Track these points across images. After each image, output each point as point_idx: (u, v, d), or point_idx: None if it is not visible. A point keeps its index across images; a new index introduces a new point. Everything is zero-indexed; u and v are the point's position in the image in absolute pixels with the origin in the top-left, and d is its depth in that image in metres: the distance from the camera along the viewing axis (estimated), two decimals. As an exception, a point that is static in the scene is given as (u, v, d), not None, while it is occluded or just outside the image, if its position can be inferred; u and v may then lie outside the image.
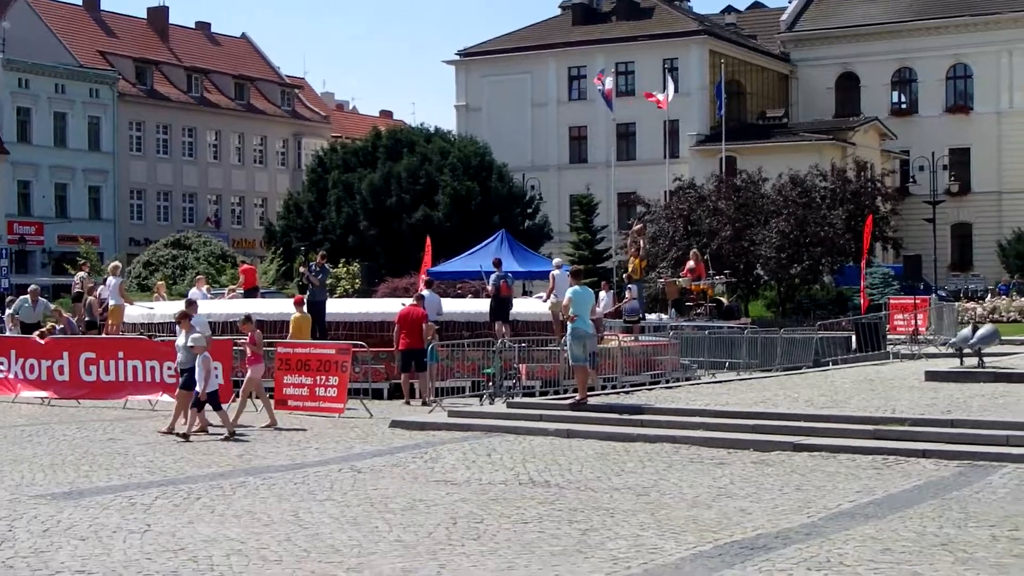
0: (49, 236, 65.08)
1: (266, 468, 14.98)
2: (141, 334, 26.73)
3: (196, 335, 18.44)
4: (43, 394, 23.72)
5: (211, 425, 18.94)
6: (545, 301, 27.39)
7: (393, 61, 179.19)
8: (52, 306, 30.40)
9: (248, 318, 20.49)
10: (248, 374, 19.72)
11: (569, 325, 18.92)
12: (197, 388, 18.09)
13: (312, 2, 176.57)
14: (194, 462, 15.65)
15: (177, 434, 18.03)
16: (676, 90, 55.43)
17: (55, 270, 59.99)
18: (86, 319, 28.84)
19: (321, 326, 25.63)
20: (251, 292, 32.12)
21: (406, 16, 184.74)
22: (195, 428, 18.27)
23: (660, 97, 52.31)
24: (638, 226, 35.60)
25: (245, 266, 37.35)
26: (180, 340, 18.82)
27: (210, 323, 21.82)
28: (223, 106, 76.73)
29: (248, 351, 19.85)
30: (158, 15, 79.13)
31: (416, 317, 23.08)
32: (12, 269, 58.14)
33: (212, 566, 9.69)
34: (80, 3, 75.82)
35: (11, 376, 24.53)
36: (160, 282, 36.58)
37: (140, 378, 22.54)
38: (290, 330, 23.68)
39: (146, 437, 18.05)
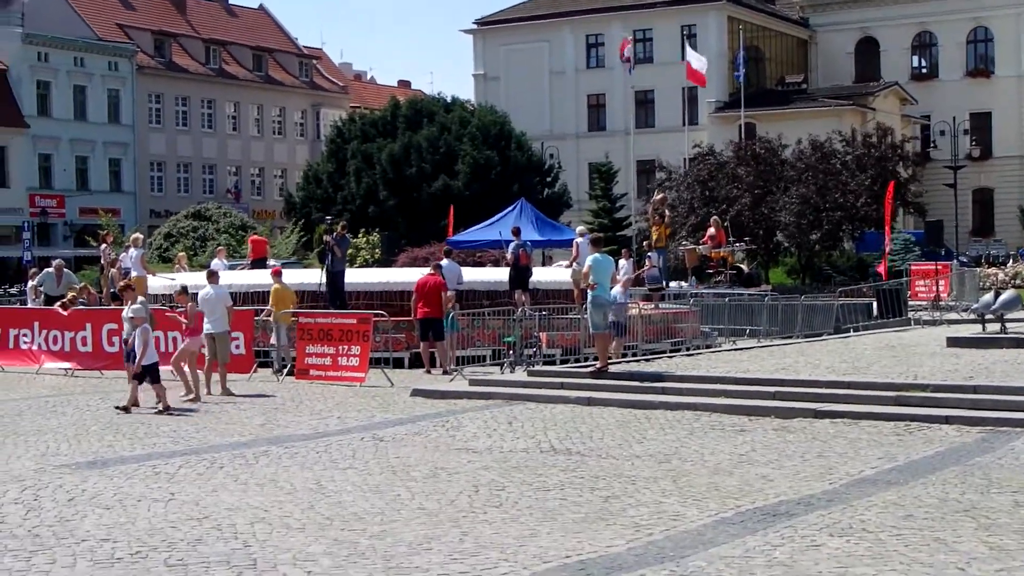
0: (70, 209, 65.28)
1: (288, 437, 15.05)
2: (162, 306, 26.78)
3: (136, 306, 17.84)
4: (66, 365, 23.86)
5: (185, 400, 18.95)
6: (568, 267, 27.54)
7: (411, 31, 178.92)
8: (80, 283, 30.41)
9: (184, 289, 19.94)
10: (181, 346, 19.49)
11: (589, 293, 18.92)
12: (146, 360, 17.50)
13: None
14: (217, 431, 15.73)
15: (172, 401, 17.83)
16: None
17: (77, 242, 60.19)
18: (111, 291, 28.89)
19: (341, 297, 25.64)
20: (259, 263, 31.84)
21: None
22: (131, 401, 17.65)
23: (697, 66, 52.33)
24: (659, 196, 35.58)
25: (255, 236, 37.14)
26: (125, 312, 18.28)
27: (231, 294, 21.85)
28: (241, 77, 76.70)
29: (183, 323, 19.55)
30: (175, -13, 78.97)
31: (433, 286, 23.05)
32: (34, 242, 58.49)
33: (236, 534, 9.75)
34: (98, -24, 75.82)
35: (35, 347, 24.69)
36: (181, 253, 36.62)
37: (162, 349, 22.45)
38: (270, 302, 23.38)
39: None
